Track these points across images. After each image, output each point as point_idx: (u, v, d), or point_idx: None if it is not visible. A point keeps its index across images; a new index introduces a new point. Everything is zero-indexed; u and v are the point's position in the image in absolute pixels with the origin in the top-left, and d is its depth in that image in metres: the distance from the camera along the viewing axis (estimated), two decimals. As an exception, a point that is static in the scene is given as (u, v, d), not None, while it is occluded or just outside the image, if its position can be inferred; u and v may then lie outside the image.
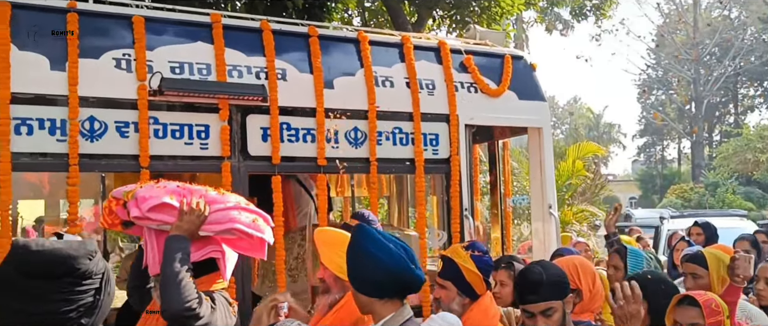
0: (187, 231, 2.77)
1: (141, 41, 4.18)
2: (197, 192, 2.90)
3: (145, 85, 4.12)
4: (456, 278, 3.34)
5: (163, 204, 2.81)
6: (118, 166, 4.17)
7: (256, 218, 2.97)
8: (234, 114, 4.42)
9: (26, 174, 5.19)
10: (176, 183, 2.98)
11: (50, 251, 1.81)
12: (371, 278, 2.56)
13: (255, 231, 2.91)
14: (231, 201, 2.97)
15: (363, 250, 2.59)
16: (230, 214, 2.90)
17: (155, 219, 2.84)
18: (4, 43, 3.80)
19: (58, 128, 3.93)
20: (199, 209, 2.79)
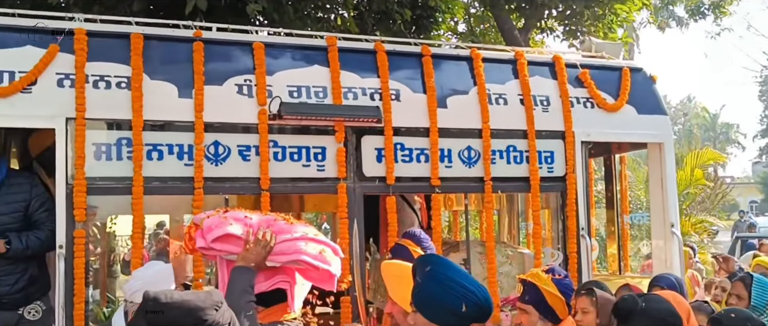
0: (253, 262, 2.76)
1: (261, 67, 4.31)
2: (265, 222, 2.90)
3: (266, 110, 4.24)
4: (538, 302, 3.29)
5: (227, 235, 2.82)
6: (241, 189, 4.31)
7: (324, 249, 2.91)
8: (349, 135, 4.47)
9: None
10: (244, 212, 2.99)
11: (179, 303, 1.87)
12: (452, 307, 2.39)
13: (321, 262, 2.85)
14: (298, 231, 2.93)
15: (444, 278, 2.44)
16: (296, 245, 2.86)
17: (220, 249, 2.86)
18: (138, 73, 4.01)
19: (185, 153, 4.11)
20: (265, 240, 2.78)
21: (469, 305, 2.39)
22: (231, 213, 2.96)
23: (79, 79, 3.91)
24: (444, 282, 2.41)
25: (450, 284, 2.40)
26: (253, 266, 2.75)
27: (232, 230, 2.83)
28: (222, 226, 2.83)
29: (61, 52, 3.93)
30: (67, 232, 3.86)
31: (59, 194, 3.87)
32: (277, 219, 2.97)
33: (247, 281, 2.70)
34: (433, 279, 2.46)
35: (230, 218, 2.90)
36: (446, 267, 2.48)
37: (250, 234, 2.79)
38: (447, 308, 2.40)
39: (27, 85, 3.84)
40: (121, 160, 4.00)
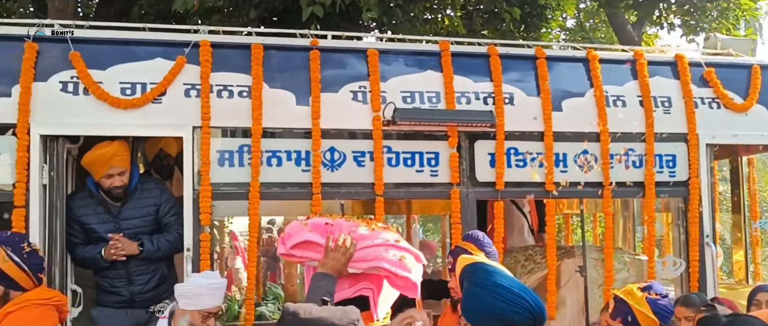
0: (333, 269, 2.74)
1: (375, 73, 4.36)
2: (346, 228, 2.86)
3: (380, 116, 4.29)
4: (627, 320, 3.13)
5: (307, 242, 2.83)
6: (356, 194, 4.38)
7: (404, 256, 2.84)
8: (462, 140, 4.45)
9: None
10: (325, 219, 2.97)
11: (317, 320, 1.92)
12: (504, 314, 2.26)
13: (401, 269, 2.78)
14: (379, 237, 2.88)
15: (492, 285, 2.31)
16: (376, 252, 2.81)
17: (300, 256, 2.87)
18: (258, 82, 4.15)
19: (302, 159, 4.21)
20: (344, 246, 2.75)
21: (520, 313, 2.26)
22: (312, 219, 2.97)
23: (204, 89, 4.10)
24: (492, 290, 2.29)
25: (499, 291, 2.29)
26: (334, 273, 2.74)
27: (311, 237, 2.84)
28: (300, 233, 2.86)
29: (187, 63, 4.12)
30: (194, 235, 4.05)
31: (186, 199, 4.07)
32: (359, 225, 2.93)
33: (326, 287, 2.67)
34: (480, 286, 2.34)
35: (310, 224, 2.90)
36: (494, 274, 2.37)
37: (330, 241, 2.78)
38: (495, 315, 2.27)
39: (157, 95, 4.06)
40: (243, 167, 4.15)
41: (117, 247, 4.09)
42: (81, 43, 4.07)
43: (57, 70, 4.01)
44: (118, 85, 4.05)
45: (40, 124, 3.91)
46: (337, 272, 2.75)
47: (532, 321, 2.26)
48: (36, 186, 3.88)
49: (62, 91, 4.00)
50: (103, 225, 4.18)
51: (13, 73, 3.94)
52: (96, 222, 4.19)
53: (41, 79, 3.98)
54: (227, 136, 4.17)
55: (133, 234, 4.19)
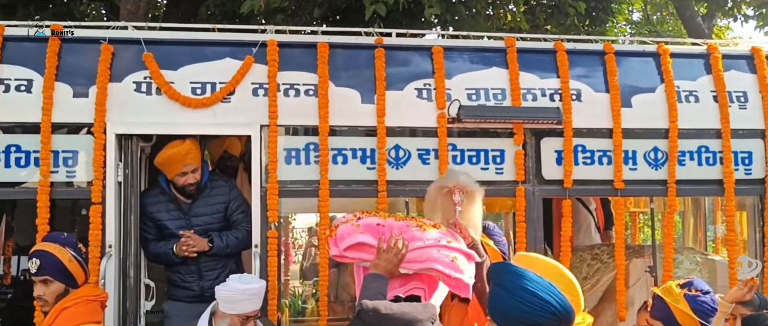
0: (385, 270, 2.76)
1: (440, 70, 4.35)
2: (397, 229, 2.88)
3: (445, 113, 4.27)
4: (666, 319, 3.03)
5: (359, 243, 2.84)
6: (420, 192, 4.34)
7: (456, 257, 2.84)
8: (528, 138, 4.40)
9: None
10: (377, 219, 2.97)
11: (399, 315, 1.93)
12: (530, 318, 2.22)
13: (453, 271, 2.78)
14: (431, 238, 2.89)
15: (517, 288, 2.26)
16: (428, 253, 2.82)
17: (352, 257, 2.89)
18: (324, 81, 4.19)
19: (368, 157, 4.24)
20: (396, 247, 2.78)
21: (544, 316, 2.22)
22: (364, 220, 2.98)
23: (271, 88, 4.16)
24: (516, 293, 2.25)
25: (523, 294, 2.25)
26: (386, 273, 2.76)
27: (363, 238, 2.86)
28: (353, 235, 2.88)
29: (255, 62, 4.20)
30: (262, 232, 4.12)
31: (254, 197, 4.14)
32: (410, 225, 2.94)
33: (378, 288, 2.69)
34: (504, 288, 2.30)
35: (362, 226, 2.92)
36: (519, 277, 2.32)
37: (382, 242, 2.81)
38: (520, 319, 2.23)
39: (226, 94, 4.14)
40: (309, 164, 4.20)
41: (188, 244, 4.20)
42: (153, 45, 4.19)
43: (131, 70, 4.14)
44: (189, 84, 4.15)
45: (116, 123, 4.05)
46: (389, 273, 2.78)
47: (558, 322, 2.23)
48: (111, 184, 4.02)
49: (136, 91, 4.12)
50: (174, 221, 4.30)
51: (90, 74, 4.08)
52: (168, 218, 4.31)
53: (116, 79, 4.11)
54: (294, 134, 4.23)
55: (203, 231, 4.29)
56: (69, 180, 4.06)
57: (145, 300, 4.41)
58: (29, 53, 4.11)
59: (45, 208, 3.96)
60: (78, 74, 4.10)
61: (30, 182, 4.02)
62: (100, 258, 3.93)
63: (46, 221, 3.95)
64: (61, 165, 4.04)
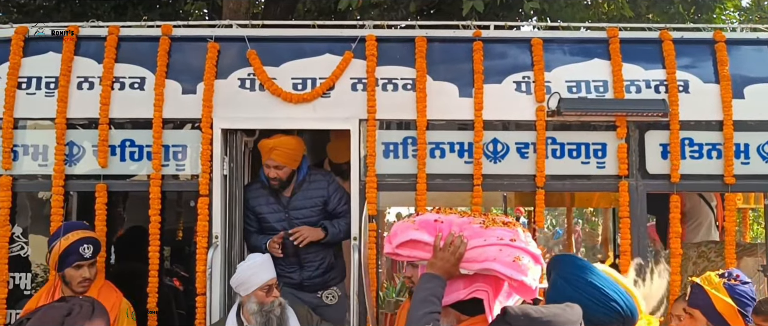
0: (441, 269, 2.54)
1: (539, 63, 4.27)
2: (457, 226, 2.64)
3: (544, 107, 4.20)
4: (705, 307, 2.98)
5: (413, 240, 2.66)
6: (518, 186, 4.34)
7: (520, 256, 2.54)
8: (632, 131, 4.26)
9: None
10: (435, 215, 2.76)
11: (552, 317, 1.93)
12: (593, 315, 2.14)
13: (515, 272, 2.49)
14: (493, 236, 2.61)
15: (580, 281, 2.20)
16: (488, 252, 2.56)
17: (406, 255, 2.72)
18: (422, 75, 4.21)
19: (465, 151, 4.22)
20: (454, 245, 2.55)
21: (609, 314, 2.16)
22: (421, 216, 2.79)
23: (370, 83, 4.21)
24: (581, 287, 2.17)
25: (589, 289, 2.17)
26: (443, 274, 2.55)
27: (417, 235, 2.66)
28: (406, 232, 2.69)
29: (354, 58, 4.26)
30: (361, 225, 4.18)
31: (353, 190, 4.21)
32: (472, 222, 2.69)
33: (431, 290, 2.48)
34: (568, 281, 2.22)
35: (418, 222, 2.72)
36: (582, 269, 2.24)
37: (439, 240, 2.60)
38: (583, 315, 2.14)
39: (326, 90, 4.23)
40: (407, 158, 4.23)
41: (303, 236, 4.29)
42: (256, 42, 4.32)
43: (236, 67, 4.28)
44: (291, 80, 4.26)
45: (221, 118, 4.20)
46: (447, 273, 2.56)
47: (622, 323, 2.16)
48: (217, 177, 4.18)
49: (240, 87, 4.27)
50: (273, 214, 4.42)
51: (197, 71, 4.25)
52: (267, 211, 4.43)
53: (222, 76, 4.27)
54: (392, 128, 4.26)
55: (302, 224, 4.38)
56: (178, 174, 4.26)
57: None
58: (142, 52, 4.32)
59: (157, 200, 4.16)
60: (186, 72, 4.28)
61: (141, 175, 4.25)
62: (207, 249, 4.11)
63: (158, 212, 4.16)
64: (171, 158, 4.23)
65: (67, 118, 4.21)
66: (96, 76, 4.27)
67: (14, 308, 4.20)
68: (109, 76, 4.23)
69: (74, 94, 4.25)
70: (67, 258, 3.73)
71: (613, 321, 2.14)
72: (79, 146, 4.25)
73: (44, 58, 4.31)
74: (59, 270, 3.77)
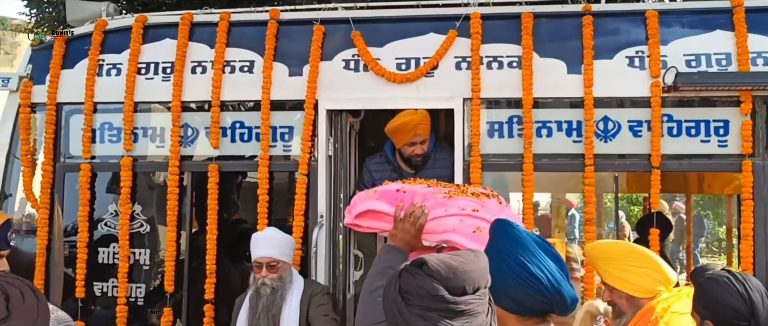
0: (402, 241, 2.45)
1: (655, 37, 4.05)
2: (420, 196, 2.54)
3: (659, 82, 3.98)
4: None
5: (372, 211, 2.57)
6: (631, 166, 4.14)
7: (482, 226, 2.40)
8: (758, 106, 3.96)
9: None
10: (399, 184, 2.65)
11: (470, 264, 1.69)
12: (513, 293, 1.87)
13: (474, 242, 2.32)
14: (455, 206, 2.50)
15: (505, 254, 1.89)
16: (448, 222, 2.45)
17: (366, 226, 2.62)
18: (528, 52, 4.09)
19: (574, 129, 4.07)
20: (414, 216, 2.44)
21: (533, 296, 1.85)
22: (383, 187, 2.70)
23: (474, 61, 4.13)
24: (504, 260, 1.88)
25: (511, 263, 1.88)
26: (404, 245, 2.45)
27: (376, 206, 2.58)
28: (365, 201, 2.62)
29: (458, 36, 4.19)
30: (463, 206, 4.11)
31: (457, 170, 4.15)
32: (436, 192, 2.60)
33: (390, 262, 2.36)
34: (495, 251, 1.90)
35: (379, 192, 2.65)
36: (511, 241, 1.92)
37: (399, 210, 2.50)
38: (504, 291, 1.85)
39: (430, 69, 4.19)
40: (512, 138, 4.12)
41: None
42: (361, 23, 4.35)
43: (341, 49, 4.32)
44: (394, 60, 4.25)
45: (326, 99, 4.25)
46: (408, 244, 2.47)
47: (549, 305, 1.88)
48: (322, 157, 4.23)
49: (345, 68, 4.30)
50: None
51: (303, 54, 4.32)
52: None
53: (327, 58, 4.32)
54: (497, 107, 4.17)
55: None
56: (285, 154, 4.35)
57: (354, 269, 4.60)
58: (251, 37, 4.44)
59: (265, 180, 4.27)
60: (293, 54, 4.36)
61: (250, 156, 4.37)
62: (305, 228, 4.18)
63: (266, 191, 4.26)
64: (279, 139, 4.33)
65: (181, 101, 4.39)
66: (208, 60, 4.42)
67: (134, 282, 4.43)
68: (220, 60, 4.38)
69: (188, 78, 4.42)
70: None
71: (538, 302, 1.88)
72: (193, 128, 4.43)
73: (161, 44, 4.52)
74: None
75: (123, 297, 4.36)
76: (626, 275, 2.66)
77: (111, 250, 4.48)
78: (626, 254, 2.70)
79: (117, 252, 4.43)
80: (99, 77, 4.50)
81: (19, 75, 4.62)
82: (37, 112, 4.59)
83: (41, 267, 4.40)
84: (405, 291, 1.60)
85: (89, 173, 4.44)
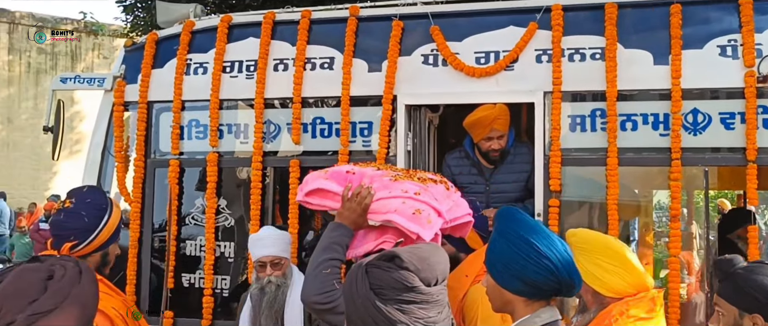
0: (348, 219, 2.62)
1: (749, 24, 3.85)
2: (368, 178, 2.69)
3: (754, 72, 3.79)
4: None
5: (321, 190, 2.73)
6: (722, 160, 3.96)
7: (421, 208, 2.59)
8: None
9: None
10: (349, 166, 2.80)
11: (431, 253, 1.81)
12: (520, 273, 1.97)
13: (413, 223, 2.54)
14: (398, 189, 2.68)
15: (515, 237, 2.00)
16: (390, 204, 2.61)
17: (316, 204, 2.78)
18: (612, 43, 3.97)
19: (660, 122, 3.93)
20: (361, 196, 2.61)
21: (541, 273, 1.96)
22: (334, 168, 2.87)
23: (555, 54, 4.05)
24: (512, 240, 2.00)
25: (519, 243, 1.98)
26: (350, 224, 2.62)
27: (326, 185, 2.74)
28: (315, 181, 2.77)
29: (539, 28, 4.12)
30: (544, 201, 4.03)
31: (537, 165, 4.08)
32: (384, 175, 2.75)
33: (335, 238, 2.57)
34: (502, 235, 2.04)
35: (329, 172, 2.81)
36: (518, 224, 2.04)
37: (347, 190, 2.66)
38: (514, 272, 1.99)
39: (509, 62, 4.13)
40: (595, 131, 4.02)
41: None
42: (439, 18, 4.33)
43: (419, 44, 4.32)
44: (473, 54, 4.21)
45: (405, 94, 4.26)
46: (354, 223, 2.64)
47: (558, 285, 1.99)
48: (401, 152, 4.24)
49: (423, 63, 4.30)
50: (474, 185, 4.40)
51: (382, 50, 4.35)
52: (468, 181, 4.43)
53: (406, 53, 4.33)
54: (579, 100, 4.07)
55: (502, 199, 4.30)
56: (365, 149, 4.39)
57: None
58: (331, 34, 4.51)
59: (345, 175, 4.31)
60: (372, 50, 4.40)
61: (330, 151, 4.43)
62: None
63: (346, 186, 4.31)
64: (358, 135, 4.37)
65: (264, 98, 4.50)
66: (290, 57, 4.51)
67: (219, 274, 4.57)
68: (301, 58, 4.46)
69: (271, 75, 4.52)
70: (116, 232, 3.10)
71: (547, 281, 1.98)
72: (275, 124, 4.54)
73: (245, 43, 4.64)
74: (108, 245, 3.03)
75: (209, 288, 4.50)
76: (595, 269, 2.56)
77: (198, 243, 4.64)
78: (601, 248, 2.61)
79: (203, 245, 4.58)
80: (187, 76, 4.67)
81: (113, 75, 4.85)
82: (129, 110, 4.81)
83: (133, 259, 4.60)
84: (378, 287, 1.66)
85: (177, 168, 4.61)
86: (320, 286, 2.47)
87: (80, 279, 1.67)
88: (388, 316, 1.61)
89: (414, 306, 1.62)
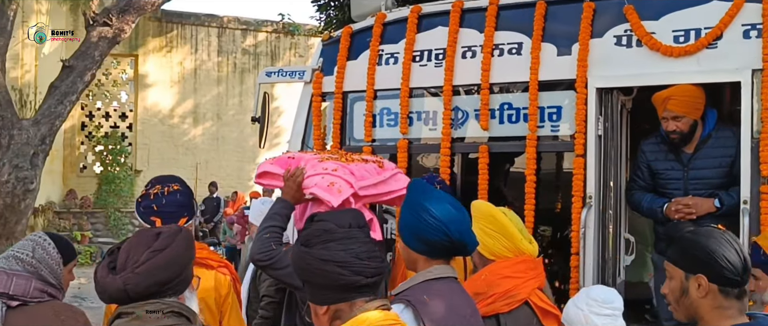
0: (289, 195, 3.20)
1: None
2: (304, 161, 3.30)
3: None
4: (764, 265, 2.93)
5: (268, 172, 3.37)
6: None
7: (335, 181, 3.13)
8: None
9: None
10: (292, 153, 3.61)
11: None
12: (423, 233, 2.41)
13: (327, 194, 3.07)
14: (321, 167, 3.21)
15: (416, 204, 2.45)
16: (313, 180, 3.15)
17: (266, 183, 3.46)
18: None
19: None
20: (295, 175, 3.18)
21: (436, 234, 2.37)
22: (279, 156, 3.53)
23: (766, 28, 3.75)
24: (416, 212, 2.41)
25: (418, 210, 2.41)
26: (291, 199, 3.19)
27: (270, 168, 3.38)
28: (263, 166, 3.42)
29: (747, 2, 3.83)
30: (752, 187, 3.76)
31: (744, 148, 3.80)
32: (315, 158, 3.33)
33: (277, 210, 3.14)
34: (408, 203, 2.50)
35: (275, 160, 3.44)
36: (423, 196, 2.46)
37: (287, 172, 3.23)
38: (415, 233, 2.43)
39: (712, 40, 3.88)
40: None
41: (687, 209, 4.04)
42: (634, -3, 4.17)
43: (612, 25, 4.19)
44: (671, 33, 4.01)
45: (596, 77, 4.15)
46: (294, 198, 3.20)
47: (451, 244, 2.40)
48: (592, 137, 4.14)
49: (616, 44, 4.16)
50: (670, 171, 4.22)
51: (572, 33, 4.27)
52: (664, 167, 4.26)
53: (597, 35, 4.21)
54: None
55: (702, 186, 4.09)
56: (553, 134, 4.34)
57: (625, 254, 4.44)
58: (519, 19, 4.50)
59: (533, 160, 4.30)
60: (561, 34, 4.33)
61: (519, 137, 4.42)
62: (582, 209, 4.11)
63: (533, 172, 4.29)
64: (546, 120, 4.33)
65: (452, 85, 4.60)
66: (478, 44, 4.57)
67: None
68: (489, 44, 4.50)
69: (459, 62, 4.61)
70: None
71: (441, 241, 2.38)
72: (463, 111, 4.62)
73: (434, 32, 4.76)
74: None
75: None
76: (480, 233, 2.84)
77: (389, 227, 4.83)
78: (485, 216, 3.02)
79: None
80: (378, 66, 4.88)
81: (312, 68, 5.19)
82: (327, 101, 5.12)
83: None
84: (304, 240, 2.01)
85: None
86: (260, 246, 3.03)
87: (182, 233, 2.20)
88: (315, 257, 1.94)
89: (333, 243, 1.94)
